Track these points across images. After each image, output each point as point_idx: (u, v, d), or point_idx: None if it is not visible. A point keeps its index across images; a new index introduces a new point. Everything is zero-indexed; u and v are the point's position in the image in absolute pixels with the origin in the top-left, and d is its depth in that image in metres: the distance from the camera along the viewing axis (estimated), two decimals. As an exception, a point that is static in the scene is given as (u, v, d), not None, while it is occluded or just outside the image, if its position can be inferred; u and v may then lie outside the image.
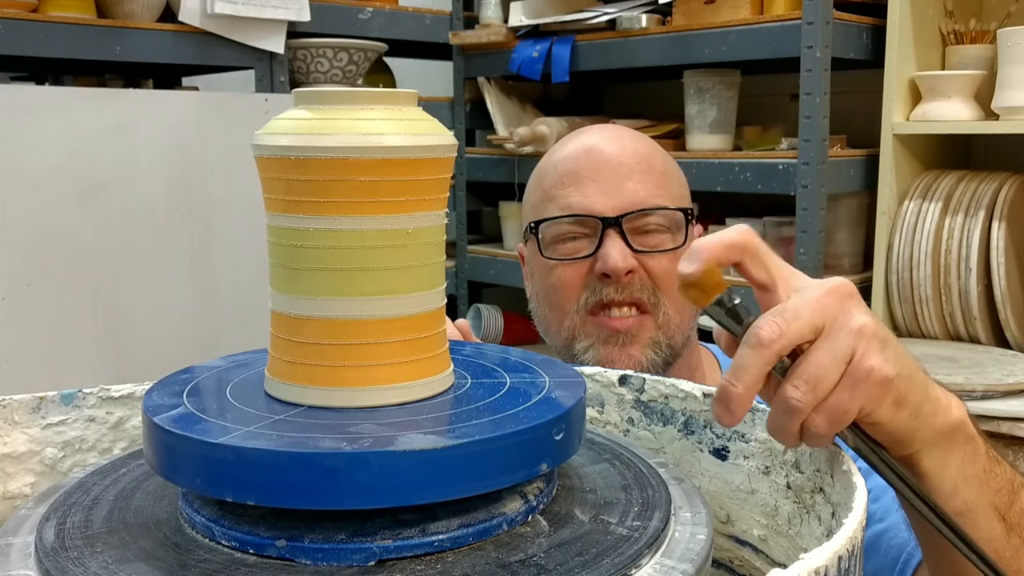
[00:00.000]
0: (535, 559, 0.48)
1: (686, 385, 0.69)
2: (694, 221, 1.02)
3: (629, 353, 0.95)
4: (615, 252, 0.94)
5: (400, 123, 0.52)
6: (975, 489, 0.61)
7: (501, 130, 2.49)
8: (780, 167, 1.94)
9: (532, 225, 1.01)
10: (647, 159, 1.00)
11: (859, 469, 0.53)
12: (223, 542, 0.49)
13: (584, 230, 0.98)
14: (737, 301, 0.55)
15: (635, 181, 0.97)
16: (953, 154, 2.11)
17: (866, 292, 2.04)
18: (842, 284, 0.56)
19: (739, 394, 0.53)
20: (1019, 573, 0.62)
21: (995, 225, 1.83)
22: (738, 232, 0.56)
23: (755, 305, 0.58)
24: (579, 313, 0.97)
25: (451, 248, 2.61)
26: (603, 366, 0.95)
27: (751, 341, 0.53)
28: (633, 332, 0.95)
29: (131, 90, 2.14)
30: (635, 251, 0.96)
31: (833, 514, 0.54)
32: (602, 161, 0.98)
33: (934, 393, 0.59)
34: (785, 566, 0.41)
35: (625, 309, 0.96)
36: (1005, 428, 1.58)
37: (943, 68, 2.04)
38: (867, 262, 2.10)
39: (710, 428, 0.67)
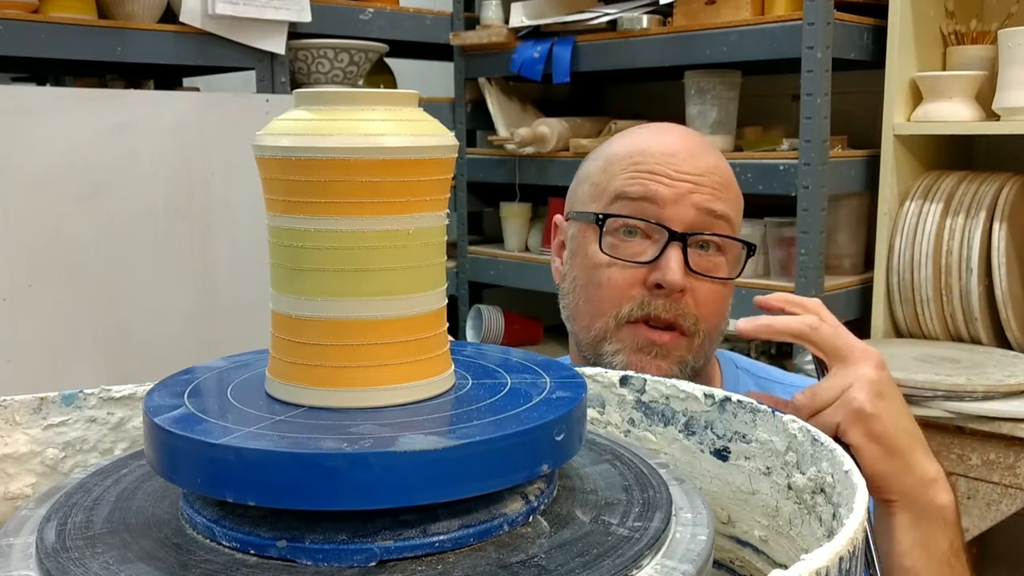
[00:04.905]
0: (536, 560, 0.48)
1: (687, 386, 0.69)
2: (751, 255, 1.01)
3: (658, 364, 0.94)
4: (676, 266, 0.93)
5: (401, 124, 0.52)
6: (927, 561, 0.75)
7: (502, 131, 2.49)
8: (781, 168, 1.93)
9: (598, 217, 0.97)
10: (725, 175, 0.99)
11: None
12: (224, 543, 0.49)
13: (649, 232, 0.96)
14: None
15: (707, 194, 0.95)
16: (954, 155, 2.11)
17: (867, 293, 2.04)
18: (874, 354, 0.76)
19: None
20: None
21: (996, 226, 1.82)
22: (802, 324, 0.77)
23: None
24: (616, 319, 0.95)
25: (452, 249, 2.61)
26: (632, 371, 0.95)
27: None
28: (669, 348, 0.95)
29: (132, 91, 2.14)
30: (691, 271, 0.94)
31: (834, 515, 0.54)
32: (681, 166, 0.96)
33: (926, 467, 0.75)
34: (786, 567, 0.41)
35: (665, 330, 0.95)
36: (1006, 429, 1.58)
37: (944, 69, 2.04)
38: (868, 263, 2.10)
39: (711, 429, 0.67)
